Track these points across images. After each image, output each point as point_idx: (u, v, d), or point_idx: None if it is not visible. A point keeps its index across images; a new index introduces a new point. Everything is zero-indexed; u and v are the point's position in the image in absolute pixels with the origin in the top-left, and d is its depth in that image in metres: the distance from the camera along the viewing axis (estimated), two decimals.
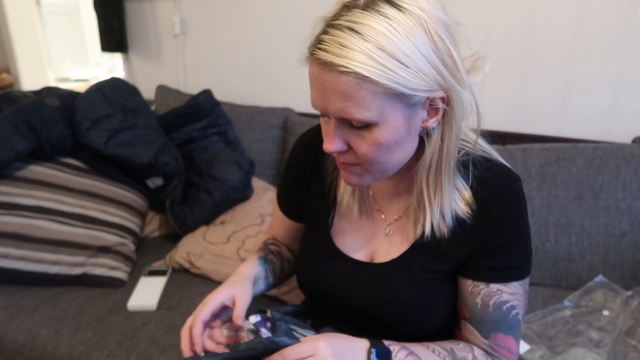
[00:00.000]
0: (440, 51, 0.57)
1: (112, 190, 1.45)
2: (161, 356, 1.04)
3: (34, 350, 1.12)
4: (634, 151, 1.25)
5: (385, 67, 0.54)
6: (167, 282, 1.29)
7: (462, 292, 0.72)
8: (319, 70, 0.57)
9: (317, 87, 0.59)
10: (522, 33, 1.45)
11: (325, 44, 0.55)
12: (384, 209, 0.77)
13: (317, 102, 0.61)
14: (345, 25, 0.55)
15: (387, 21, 0.54)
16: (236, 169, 1.55)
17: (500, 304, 0.69)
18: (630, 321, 1.05)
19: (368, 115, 0.57)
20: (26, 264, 1.23)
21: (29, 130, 1.34)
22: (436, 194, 0.68)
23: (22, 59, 3.06)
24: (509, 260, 0.69)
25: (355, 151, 0.62)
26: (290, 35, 1.81)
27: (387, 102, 0.57)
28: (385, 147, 0.60)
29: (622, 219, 1.23)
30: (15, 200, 1.28)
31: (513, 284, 0.69)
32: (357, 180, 0.67)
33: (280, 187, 0.92)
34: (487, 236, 0.68)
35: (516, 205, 0.69)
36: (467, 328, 0.72)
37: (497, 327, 0.70)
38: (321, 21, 0.59)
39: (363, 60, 0.54)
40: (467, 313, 0.72)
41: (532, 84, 1.48)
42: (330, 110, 0.59)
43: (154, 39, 2.15)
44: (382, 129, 0.59)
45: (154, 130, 1.56)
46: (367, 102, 0.56)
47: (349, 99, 0.56)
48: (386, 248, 0.75)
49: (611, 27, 1.34)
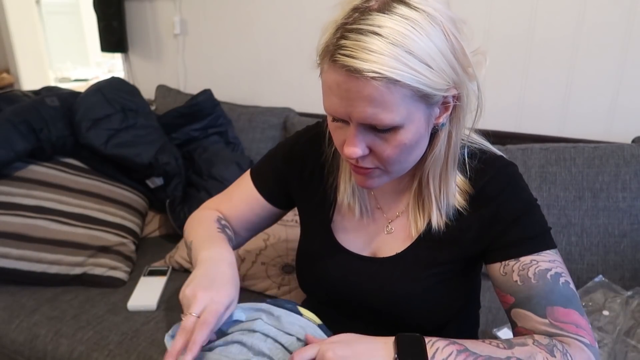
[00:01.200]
0: (455, 49, 0.58)
1: (112, 190, 1.45)
2: (161, 356, 1.04)
3: (34, 350, 1.12)
4: (634, 151, 1.25)
5: (414, 69, 0.54)
6: (167, 282, 1.29)
7: (496, 279, 0.68)
8: (345, 77, 0.55)
9: (339, 93, 0.57)
10: (522, 33, 1.45)
11: (350, 50, 0.54)
12: (385, 206, 0.77)
13: (337, 109, 0.59)
14: (368, 30, 0.53)
15: (408, 23, 0.54)
16: (236, 169, 1.55)
17: (541, 272, 0.63)
18: (630, 321, 1.05)
19: (396, 119, 0.57)
20: (26, 264, 1.23)
21: (29, 130, 1.34)
22: (441, 188, 0.69)
23: (22, 59, 3.06)
24: (528, 230, 0.67)
25: (377, 154, 0.62)
26: (291, 35, 1.81)
27: (413, 104, 0.57)
28: (409, 147, 0.61)
29: (622, 219, 1.23)
30: (15, 200, 1.28)
31: (546, 252, 0.65)
32: (374, 182, 0.66)
33: (264, 167, 0.88)
34: (494, 217, 0.68)
35: (513, 183, 0.69)
36: (520, 315, 0.65)
37: (550, 300, 0.62)
38: (332, 26, 0.57)
39: (394, 65, 0.53)
40: (511, 298, 0.66)
41: (532, 84, 1.48)
42: (355, 116, 0.57)
43: (154, 39, 2.15)
44: (407, 131, 0.59)
45: (154, 130, 1.56)
46: (396, 106, 0.56)
47: (378, 105, 0.55)
48: (389, 245, 0.75)
49: (611, 27, 1.34)
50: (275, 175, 0.86)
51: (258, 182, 0.87)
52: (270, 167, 0.87)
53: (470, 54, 0.62)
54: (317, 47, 0.60)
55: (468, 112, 0.65)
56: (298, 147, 0.84)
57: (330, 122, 0.65)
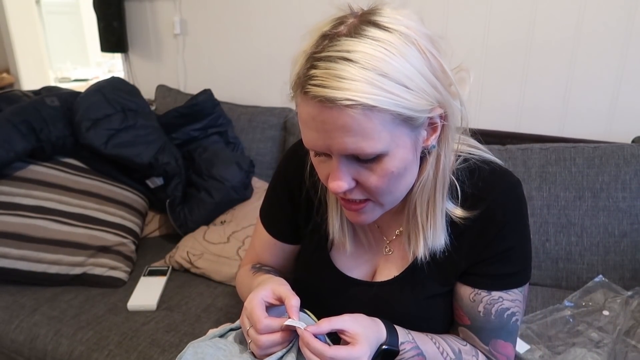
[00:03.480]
0: (434, 67, 0.55)
1: (112, 190, 1.45)
2: (161, 356, 1.04)
3: (34, 350, 1.12)
4: (634, 151, 1.25)
5: (391, 93, 0.51)
6: (167, 282, 1.29)
7: (463, 299, 0.71)
8: (318, 109, 0.52)
9: (315, 126, 0.54)
10: (522, 33, 1.44)
11: (320, 79, 0.51)
12: (384, 225, 0.75)
13: (316, 143, 0.56)
14: (337, 56, 0.51)
15: (380, 45, 0.51)
16: (236, 169, 1.55)
17: (502, 311, 0.68)
18: (630, 321, 1.05)
19: (379, 147, 0.54)
20: (26, 263, 1.23)
21: (29, 130, 1.34)
22: (429, 214, 0.66)
23: (22, 59, 3.05)
24: (510, 267, 0.68)
25: (364, 185, 0.59)
26: (291, 35, 1.81)
27: (395, 129, 0.54)
28: (396, 175, 0.58)
29: (622, 219, 1.23)
30: (15, 200, 1.28)
31: (514, 290, 0.69)
32: (367, 218, 0.63)
33: (269, 207, 0.84)
34: (489, 242, 0.67)
35: (518, 211, 0.68)
36: (468, 335, 0.73)
37: (498, 334, 0.70)
38: (302, 56, 0.55)
39: (368, 90, 0.50)
40: (468, 321, 0.71)
41: (532, 84, 1.48)
42: (336, 148, 0.54)
43: (154, 39, 2.15)
44: (392, 158, 0.56)
45: (154, 130, 1.56)
46: (376, 133, 0.53)
47: (357, 134, 0.52)
48: (387, 267, 0.74)
49: (611, 27, 1.34)
50: (281, 212, 0.82)
51: (268, 226, 0.84)
52: (273, 204, 0.84)
53: (453, 70, 0.59)
54: (289, 80, 0.57)
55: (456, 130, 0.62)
56: (291, 174, 0.80)
57: (312, 157, 0.62)
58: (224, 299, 1.24)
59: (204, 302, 1.22)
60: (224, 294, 1.26)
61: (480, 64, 1.51)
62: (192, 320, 1.15)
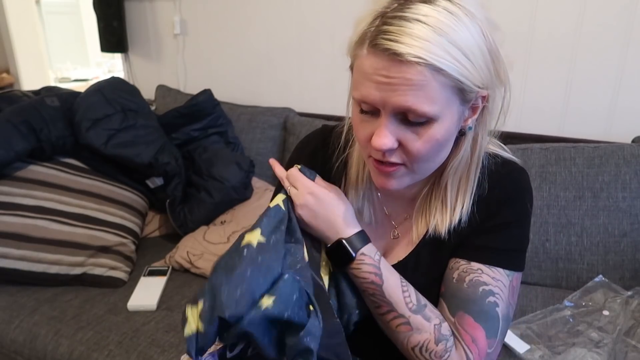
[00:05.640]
0: (492, 49, 0.59)
1: (112, 190, 1.45)
2: (161, 356, 1.04)
3: (34, 350, 1.12)
4: (634, 151, 1.25)
5: (457, 60, 0.54)
6: (167, 282, 1.29)
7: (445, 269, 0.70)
8: (386, 61, 0.54)
9: (377, 79, 0.56)
10: (522, 33, 1.44)
11: (394, 34, 0.53)
12: (393, 213, 0.76)
13: (373, 97, 0.57)
14: (412, 17, 0.53)
15: (451, 15, 0.54)
16: (236, 169, 1.55)
17: (477, 283, 0.65)
18: (630, 321, 1.05)
19: (433, 109, 0.56)
20: (26, 264, 1.23)
21: (29, 130, 1.34)
22: (458, 195, 0.68)
23: (22, 59, 3.05)
24: (498, 242, 0.67)
25: (406, 149, 0.60)
26: (291, 35, 1.81)
27: (450, 97, 0.56)
28: (439, 144, 0.59)
29: (622, 219, 1.23)
30: (15, 200, 1.28)
31: (498, 269, 0.66)
32: (395, 183, 0.64)
33: None
34: (484, 218, 0.68)
35: (517, 190, 0.69)
36: (440, 304, 0.69)
37: (467, 308, 0.65)
38: (371, 14, 0.58)
39: (437, 52, 0.53)
40: (443, 288, 0.69)
41: (532, 84, 1.48)
42: (393, 101, 0.56)
43: (154, 39, 2.15)
44: (440, 125, 0.58)
45: (154, 130, 1.56)
46: (435, 95, 0.55)
47: (419, 90, 0.54)
48: (394, 250, 0.75)
49: (611, 27, 1.34)
50: None
51: None
52: None
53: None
54: (350, 38, 0.60)
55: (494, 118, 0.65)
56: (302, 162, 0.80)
57: (356, 115, 0.63)
58: None
59: None
60: None
61: None
62: None
